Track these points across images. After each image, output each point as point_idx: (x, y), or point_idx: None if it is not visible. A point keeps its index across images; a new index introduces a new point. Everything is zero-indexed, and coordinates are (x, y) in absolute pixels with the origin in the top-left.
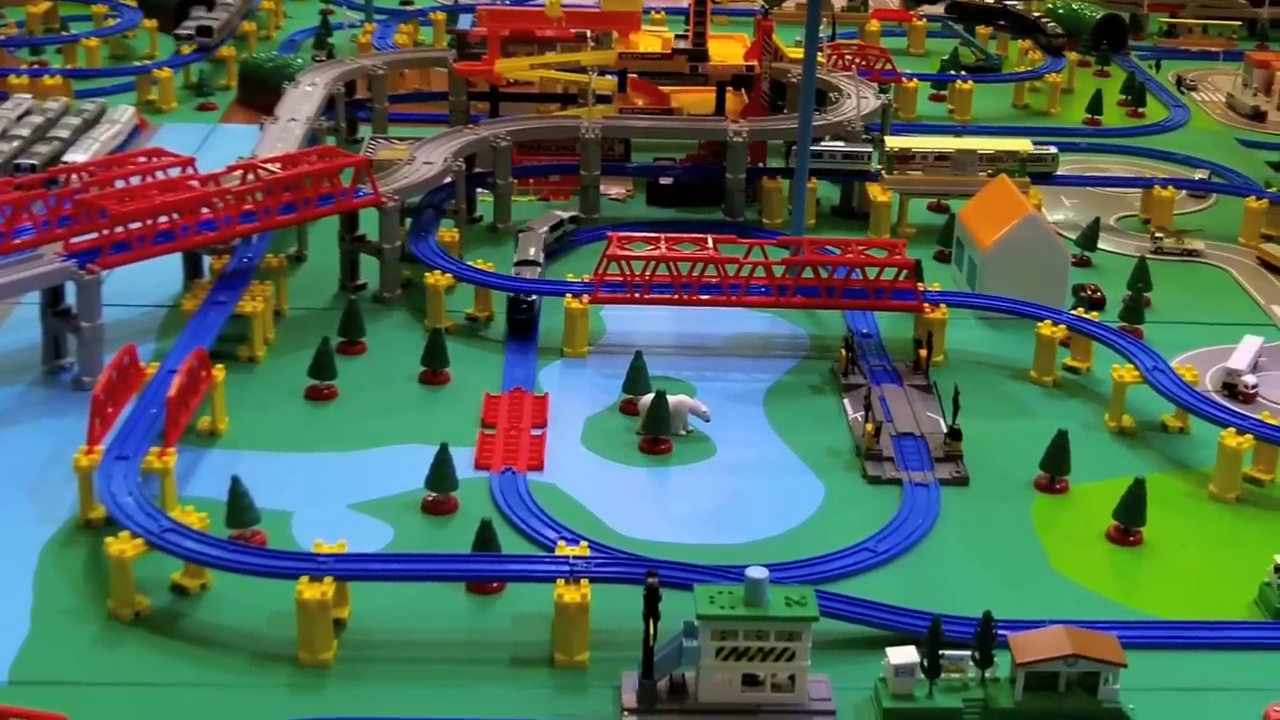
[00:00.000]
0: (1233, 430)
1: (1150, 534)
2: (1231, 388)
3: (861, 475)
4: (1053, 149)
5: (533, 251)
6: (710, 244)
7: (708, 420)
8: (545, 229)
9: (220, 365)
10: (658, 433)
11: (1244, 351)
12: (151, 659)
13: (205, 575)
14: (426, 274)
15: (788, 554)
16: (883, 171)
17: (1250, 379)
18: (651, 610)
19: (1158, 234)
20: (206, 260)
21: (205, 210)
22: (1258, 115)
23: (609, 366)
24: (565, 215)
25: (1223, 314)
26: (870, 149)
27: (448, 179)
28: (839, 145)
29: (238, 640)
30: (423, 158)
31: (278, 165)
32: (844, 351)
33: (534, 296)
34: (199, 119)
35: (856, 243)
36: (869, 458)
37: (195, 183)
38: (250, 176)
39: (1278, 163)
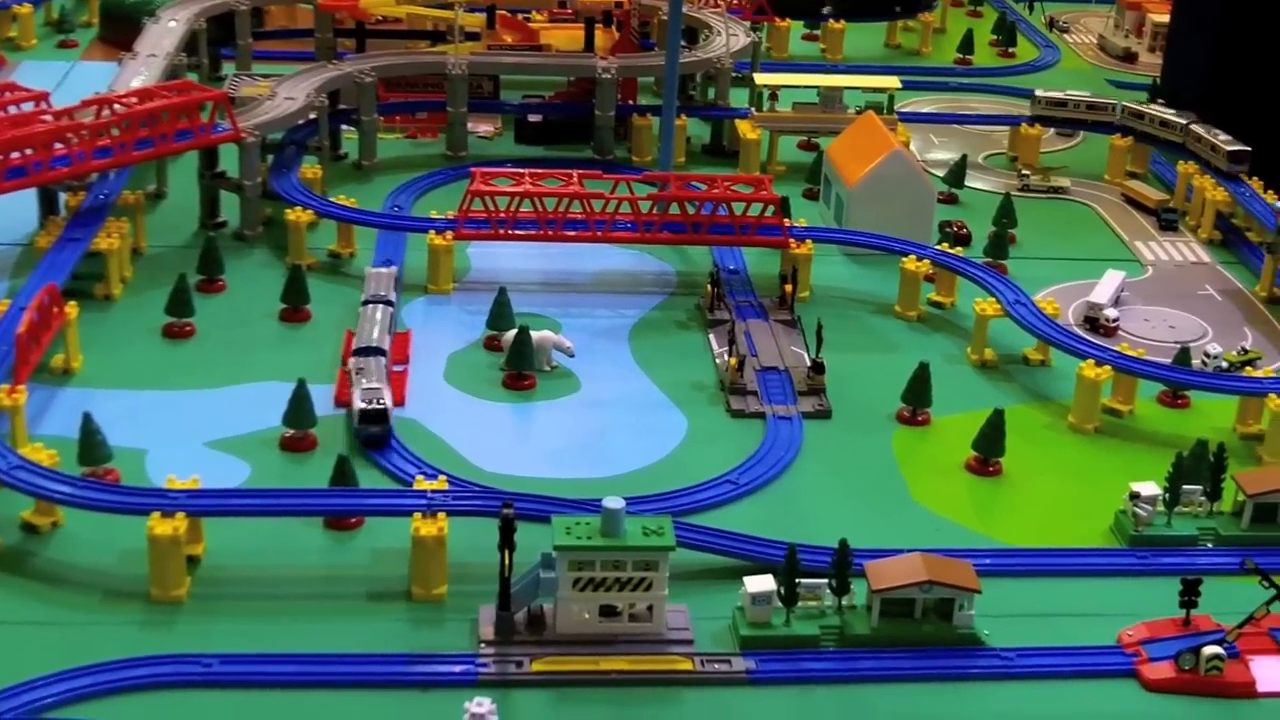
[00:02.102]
0: (1091, 362)
1: (1009, 464)
2: (1093, 321)
3: (725, 409)
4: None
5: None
6: (576, 180)
7: (572, 356)
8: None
9: (74, 303)
10: (521, 368)
11: (1106, 286)
12: (1, 597)
13: (56, 513)
14: (287, 210)
15: (650, 487)
16: (752, 109)
17: (1111, 312)
18: (506, 541)
19: (1024, 171)
20: (62, 197)
21: (59, 146)
22: (1129, 57)
23: (473, 303)
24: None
25: (1087, 250)
26: (1115, 102)
27: (311, 115)
28: (1083, 95)
29: (89, 578)
30: (285, 93)
31: (134, 100)
32: (710, 287)
33: (385, 404)
34: (59, 56)
35: (723, 179)
36: (733, 392)
37: (49, 118)
38: (105, 111)
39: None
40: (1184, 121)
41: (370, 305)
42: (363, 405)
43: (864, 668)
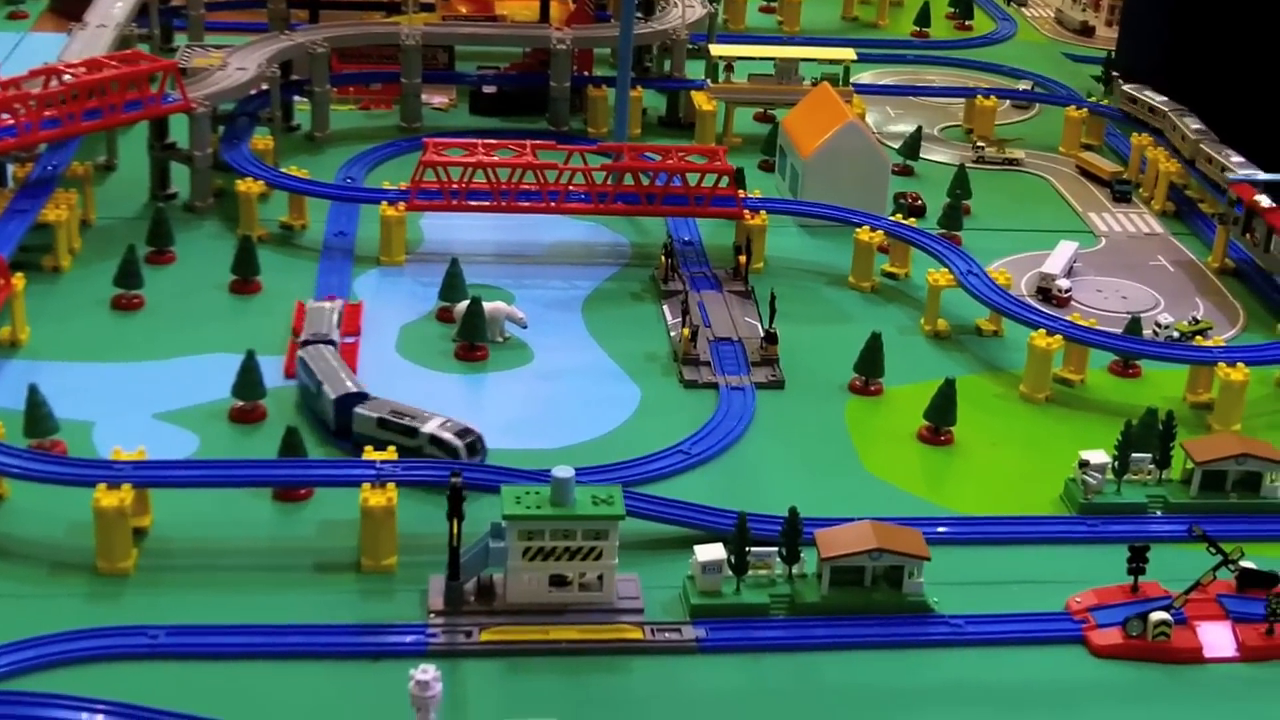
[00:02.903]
0: (1043, 331)
1: (961, 434)
2: (1046, 291)
3: (678, 380)
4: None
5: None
6: (529, 150)
7: (525, 327)
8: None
9: (21, 274)
10: (473, 339)
11: (1059, 256)
12: None
13: (2, 485)
14: (239, 181)
15: (602, 458)
16: (708, 81)
17: (1064, 283)
18: (455, 511)
19: (979, 143)
20: (9, 168)
21: (6, 116)
22: (1085, 30)
23: (427, 275)
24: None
25: (1041, 221)
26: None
27: (262, 86)
28: (1156, 97)
29: (35, 550)
30: (236, 64)
31: (82, 70)
32: (664, 258)
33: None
34: (9, 27)
35: (676, 149)
36: (686, 362)
37: None
38: (53, 82)
39: (1100, 76)
40: (1196, 139)
41: (313, 346)
42: (461, 440)
43: (814, 635)
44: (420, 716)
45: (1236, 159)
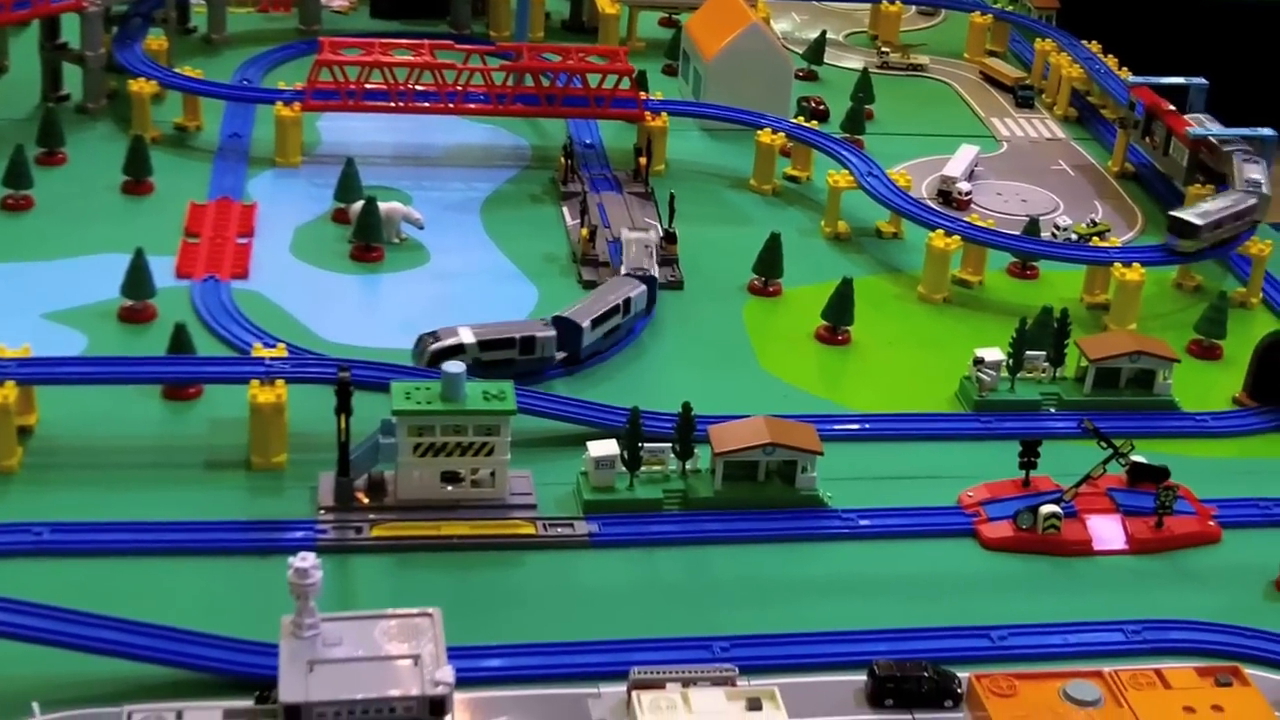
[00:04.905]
0: (941, 232)
1: (858, 334)
2: (946, 194)
3: (577, 280)
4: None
5: None
6: (427, 50)
7: (421, 228)
8: None
9: None
10: (369, 240)
11: (960, 160)
12: None
13: None
14: (131, 82)
15: None
16: None
17: (964, 186)
18: (343, 406)
19: (884, 49)
20: None
21: None
22: None
23: (323, 176)
24: None
25: (944, 126)
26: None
27: None
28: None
29: None
30: None
31: None
32: (564, 160)
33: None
34: None
35: (576, 50)
36: (584, 263)
37: None
38: None
39: None
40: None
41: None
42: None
43: (706, 530)
44: (300, 605)
45: None
